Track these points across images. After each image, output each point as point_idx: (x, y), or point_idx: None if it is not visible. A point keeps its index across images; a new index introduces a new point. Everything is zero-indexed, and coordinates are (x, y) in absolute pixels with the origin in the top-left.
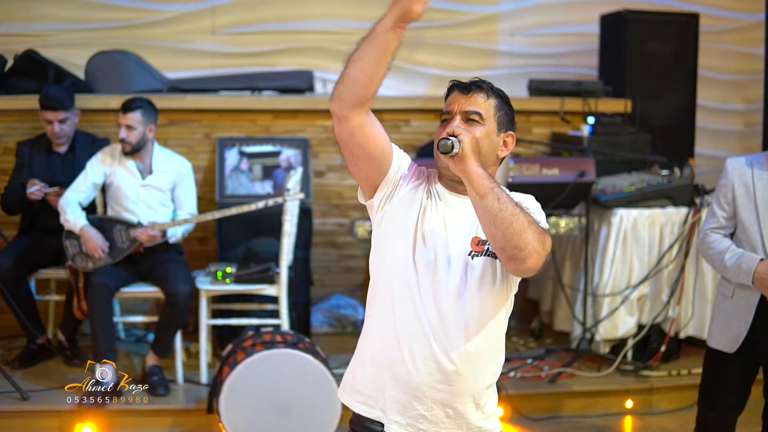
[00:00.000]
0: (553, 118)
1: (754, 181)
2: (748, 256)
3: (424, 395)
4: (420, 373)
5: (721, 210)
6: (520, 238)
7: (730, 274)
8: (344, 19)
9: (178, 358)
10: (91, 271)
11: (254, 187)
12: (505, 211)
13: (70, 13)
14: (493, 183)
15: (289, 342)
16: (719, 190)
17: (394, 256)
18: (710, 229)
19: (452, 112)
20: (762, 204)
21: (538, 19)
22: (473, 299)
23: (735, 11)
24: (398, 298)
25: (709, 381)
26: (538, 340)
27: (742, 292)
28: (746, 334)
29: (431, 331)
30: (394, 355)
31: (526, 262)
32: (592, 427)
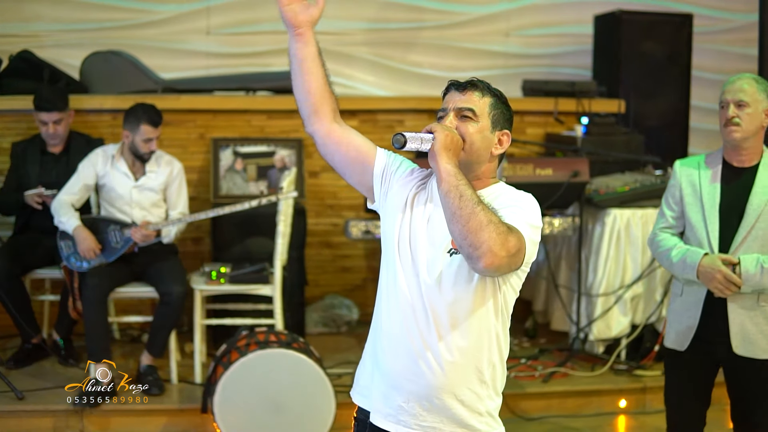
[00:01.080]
0: (547, 119)
1: (700, 179)
2: (693, 251)
3: (401, 387)
4: (396, 364)
5: (670, 210)
6: (476, 237)
7: (677, 271)
8: (338, 19)
9: (173, 358)
10: (85, 271)
11: (249, 188)
12: (464, 209)
13: (65, 13)
14: (460, 181)
15: (283, 342)
16: (668, 190)
17: (386, 252)
18: (659, 229)
19: (447, 109)
20: (708, 201)
21: (533, 19)
22: (449, 295)
23: (729, 12)
24: (386, 291)
25: (669, 381)
26: (532, 340)
27: (690, 288)
28: (696, 331)
29: (410, 324)
30: (379, 347)
31: (480, 261)
32: (586, 426)
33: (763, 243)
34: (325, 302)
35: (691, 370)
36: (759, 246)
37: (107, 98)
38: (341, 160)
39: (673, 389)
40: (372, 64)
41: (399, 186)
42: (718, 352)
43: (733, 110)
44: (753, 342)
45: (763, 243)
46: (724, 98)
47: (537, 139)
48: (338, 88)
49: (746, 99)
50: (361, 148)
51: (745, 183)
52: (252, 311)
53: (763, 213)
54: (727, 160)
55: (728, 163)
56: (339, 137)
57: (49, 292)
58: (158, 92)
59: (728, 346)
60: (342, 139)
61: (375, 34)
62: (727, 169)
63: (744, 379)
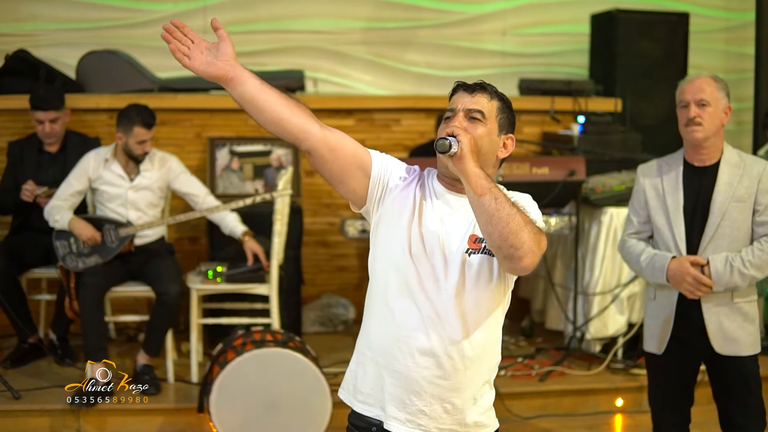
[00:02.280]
0: (544, 118)
1: (662, 182)
2: (661, 255)
3: (423, 390)
4: (419, 367)
5: (636, 215)
6: (517, 238)
7: (647, 275)
8: (335, 18)
9: (169, 358)
10: (81, 271)
11: (245, 187)
12: (502, 211)
13: (62, 13)
14: (491, 183)
15: (279, 341)
16: (633, 196)
17: (391, 255)
18: (628, 235)
19: (456, 109)
20: (671, 203)
21: (529, 18)
22: (470, 296)
23: (725, 11)
24: (396, 295)
25: (652, 384)
26: (528, 339)
27: (662, 292)
28: (672, 333)
29: (429, 326)
30: (392, 352)
31: (521, 261)
32: (583, 425)
33: (731, 240)
34: (322, 301)
35: (670, 371)
36: (727, 243)
37: (103, 97)
38: (341, 167)
39: (655, 392)
40: (369, 63)
41: (400, 190)
42: (698, 353)
43: (694, 110)
44: (735, 340)
45: (731, 240)
46: (684, 98)
47: (533, 137)
48: (335, 87)
49: (707, 98)
50: (357, 151)
51: (708, 182)
52: (248, 310)
53: (728, 210)
54: (687, 160)
55: (689, 163)
56: (335, 143)
57: (45, 291)
58: (155, 91)
59: (708, 346)
60: (338, 144)
61: (371, 33)
62: (688, 170)
63: (729, 376)
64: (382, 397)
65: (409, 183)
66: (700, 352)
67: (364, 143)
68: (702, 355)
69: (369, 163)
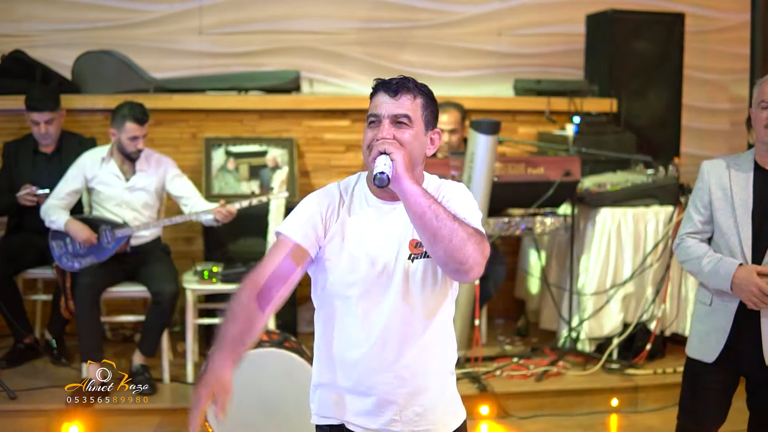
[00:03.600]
0: (539, 118)
1: (731, 182)
2: (727, 260)
3: (392, 401)
4: (382, 381)
5: (698, 214)
6: (461, 253)
7: (708, 280)
8: (331, 19)
9: (165, 358)
10: (77, 271)
11: (241, 187)
12: (444, 229)
13: (57, 13)
14: (429, 199)
15: (275, 341)
16: (695, 193)
17: (332, 280)
18: (687, 234)
19: (380, 115)
20: (740, 207)
21: (525, 19)
22: (417, 300)
23: (721, 11)
24: (351, 317)
25: (690, 392)
26: (524, 339)
27: (721, 299)
28: (726, 342)
29: (391, 339)
30: (355, 372)
31: (468, 275)
32: (578, 425)
33: None
34: None
35: (717, 381)
36: None
37: (99, 98)
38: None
39: (694, 400)
40: (364, 64)
41: (331, 225)
42: (745, 364)
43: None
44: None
45: None
46: (767, 98)
47: (529, 138)
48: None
49: None
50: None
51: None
52: None
53: None
54: (759, 163)
55: (760, 167)
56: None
57: (41, 291)
58: (150, 92)
59: (758, 358)
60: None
61: (367, 33)
62: (759, 173)
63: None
64: (350, 414)
65: (330, 215)
66: (747, 363)
67: (360, 144)
68: (749, 368)
69: (309, 250)
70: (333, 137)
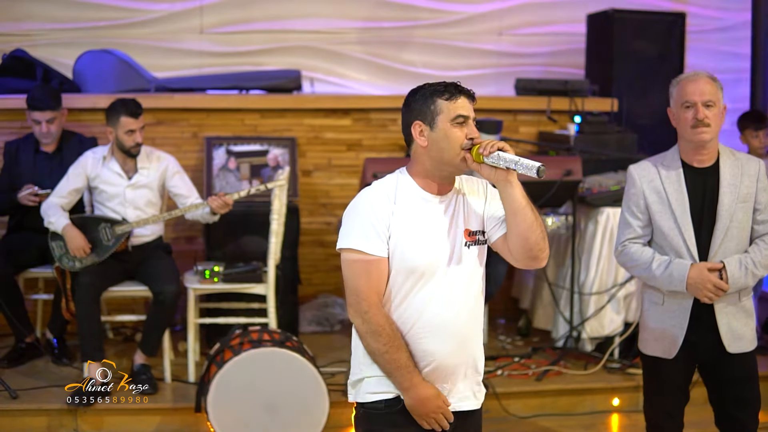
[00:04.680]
0: (540, 117)
1: (663, 184)
2: (677, 262)
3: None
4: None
5: (636, 219)
6: (544, 242)
7: (661, 283)
8: (331, 18)
9: (166, 357)
10: (78, 270)
11: (242, 186)
12: (537, 221)
13: (58, 12)
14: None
15: (276, 341)
16: (629, 199)
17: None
18: (629, 240)
19: (468, 117)
20: (678, 207)
21: (526, 18)
22: (475, 279)
23: (722, 10)
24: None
25: (654, 386)
26: (525, 339)
27: (673, 298)
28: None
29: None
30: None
31: (543, 261)
32: (579, 425)
33: (738, 241)
34: (319, 301)
35: (676, 374)
36: (735, 245)
37: (100, 97)
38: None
39: (660, 392)
40: (365, 63)
41: (393, 224)
42: (704, 353)
43: (703, 111)
44: (741, 337)
45: (738, 241)
46: (691, 99)
47: (530, 137)
48: (331, 87)
49: (713, 99)
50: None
51: (711, 183)
52: (245, 310)
53: (735, 212)
54: (686, 161)
55: (688, 165)
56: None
57: (42, 291)
58: (151, 91)
59: (714, 345)
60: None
61: (368, 33)
62: (688, 171)
63: (732, 373)
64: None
65: (387, 214)
66: (706, 352)
67: (361, 143)
68: (706, 356)
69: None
70: (334, 136)
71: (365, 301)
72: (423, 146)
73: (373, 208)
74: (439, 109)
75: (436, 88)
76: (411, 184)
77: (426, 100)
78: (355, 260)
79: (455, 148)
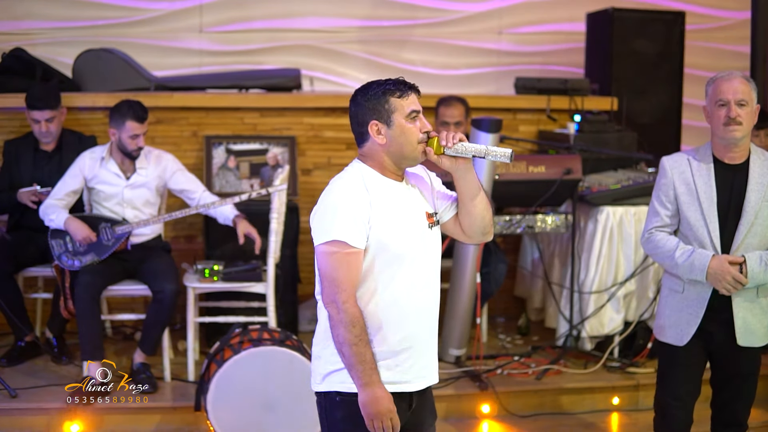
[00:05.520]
0: (540, 116)
1: (694, 177)
2: (700, 252)
3: (429, 349)
4: (424, 332)
5: (664, 208)
6: (491, 219)
7: (682, 272)
8: (331, 17)
9: (165, 356)
10: (77, 269)
11: (241, 185)
12: (486, 200)
13: (58, 11)
14: None
15: (276, 339)
16: (659, 188)
17: (374, 256)
18: (655, 228)
19: (419, 111)
20: (705, 200)
21: (525, 17)
22: (438, 258)
23: (721, 9)
24: (400, 282)
25: (668, 372)
26: (524, 338)
27: (693, 287)
28: (698, 325)
29: (428, 297)
30: (410, 329)
31: (491, 235)
32: (579, 423)
33: (761, 238)
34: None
35: (690, 361)
36: (757, 242)
37: (100, 96)
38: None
39: (673, 378)
40: (365, 62)
41: (373, 214)
42: (714, 343)
43: (735, 110)
44: (753, 332)
45: (761, 238)
46: (725, 97)
47: (529, 136)
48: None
49: (746, 98)
50: (360, 268)
51: (739, 180)
52: (245, 309)
53: (760, 209)
54: (717, 157)
55: (719, 161)
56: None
57: (41, 290)
58: (151, 90)
59: (727, 338)
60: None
61: (367, 31)
62: (719, 166)
63: (738, 366)
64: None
65: (366, 205)
66: (719, 344)
67: None
68: (717, 347)
69: (363, 250)
70: (333, 135)
71: (344, 292)
72: (381, 144)
73: (353, 200)
74: (393, 107)
75: (387, 86)
76: (373, 173)
77: (379, 99)
78: (335, 252)
79: (413, 142)
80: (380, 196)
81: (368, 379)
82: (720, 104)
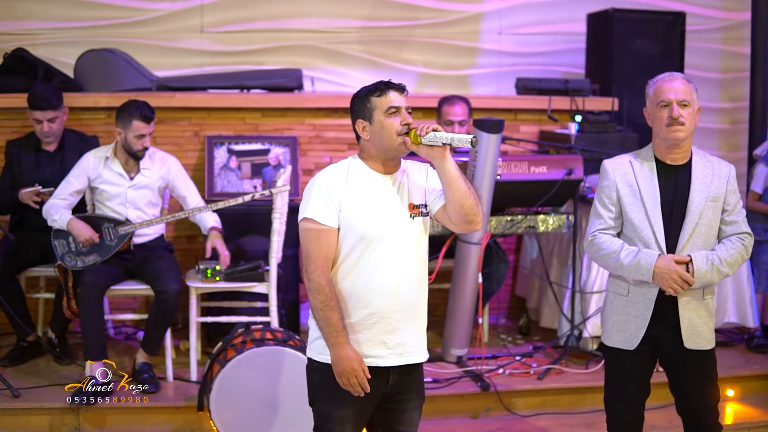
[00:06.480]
0: (541, 117)
1: (636, 178)
2: (646, 252)
3: (399, 328)
4: (397, 313)
5: (607, 211)
6: (478, 208)
7: (628, 273)
8: (332, 17)
9: (168, 356)
10: (80, 269)
11: (243, 185)
12: (469, 189)
13: (59, 11)
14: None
15: (279, 339)
16: (602, 191)
17: (349, 242)
18: (598, 231)
19: (400, 107)
20: (649, 200)
21: (526, 17)
22: (419, 245)
23: (721, 10)
24: (374, 263)
25: (615, 377)
26: (526, 337)
27: (639, 289)
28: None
29: (404, 278)
30: (385, 310)
31: (478, 225)
32: (581, 423)
33: (706, 238)
34: None
35: (637, 366)
36: (702, 241)
37: (101, 96)
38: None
39: (621, 384)
40: (366, 62)
41: (344, 198)
42: (662, 348)
43: (677, 110)
44: (700, 334)
45: (705, 238)
46: (666, 97)
47: (530, 136)
48: (331, 86)
49: (687, 99)
50: (333, 246)
51: (682, 180)
52: (247, 309)
53: (704, 210)
54: (659, 158)
55: (661, 162)
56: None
57: (44, 290)
58: (152, 90)
59: (675, 340)
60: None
61: (368, 32)
62: (661, 167)
63: (691, 368)
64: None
65: (340, 189)
66: (666, 346)
67: None
68: (667, 349)
69: (337, 230)
70: (335, 135)
71: (312, 263)
72: (367, 139)
73: (327, 185)
74: (373, 106)
75: (370, 88)
76: (362, 165)
77: (363, 101)
78: (309, 228)
79: (392, 135)
80: (357, 184)
81: (334, 341)
82: (662, 105)
